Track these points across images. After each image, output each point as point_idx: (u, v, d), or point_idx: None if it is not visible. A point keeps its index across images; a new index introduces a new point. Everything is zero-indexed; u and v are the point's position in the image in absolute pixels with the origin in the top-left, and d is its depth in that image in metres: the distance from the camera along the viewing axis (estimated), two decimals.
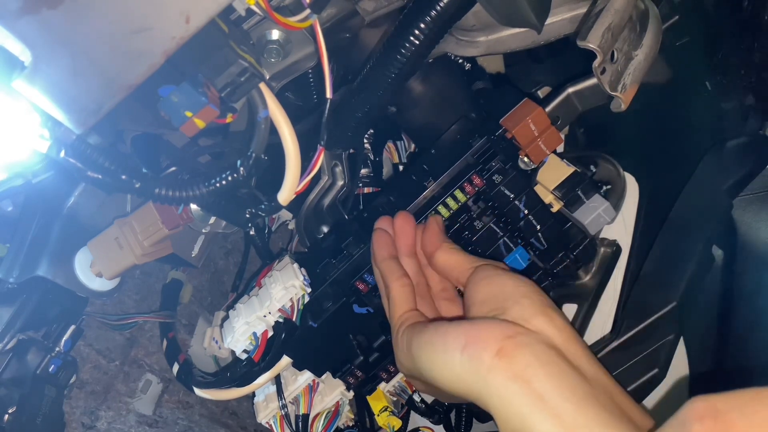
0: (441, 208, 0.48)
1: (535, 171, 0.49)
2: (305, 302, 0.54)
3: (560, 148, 0.56)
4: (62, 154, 0.38)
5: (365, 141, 0.63)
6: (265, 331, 0.55)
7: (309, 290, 0.54)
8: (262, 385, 0.57)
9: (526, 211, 0.48)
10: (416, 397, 0.63)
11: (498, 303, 0.36)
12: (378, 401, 0.61)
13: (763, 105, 0.47)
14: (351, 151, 0.56)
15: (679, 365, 0.56)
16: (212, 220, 0.59)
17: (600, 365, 0.33)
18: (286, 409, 0.59)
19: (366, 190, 0.63)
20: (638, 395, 0.53)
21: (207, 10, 0.33)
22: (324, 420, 0.60)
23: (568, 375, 0.31)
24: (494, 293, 0.37)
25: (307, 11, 0.40)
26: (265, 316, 0.54)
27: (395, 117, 0.57)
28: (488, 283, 0.38)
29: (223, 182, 0.42)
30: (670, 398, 0.55)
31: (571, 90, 0.50)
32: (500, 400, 0.31)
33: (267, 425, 0.60)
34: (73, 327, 0.60)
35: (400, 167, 0.68)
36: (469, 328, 0.34)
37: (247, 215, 0.49)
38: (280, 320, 0.54)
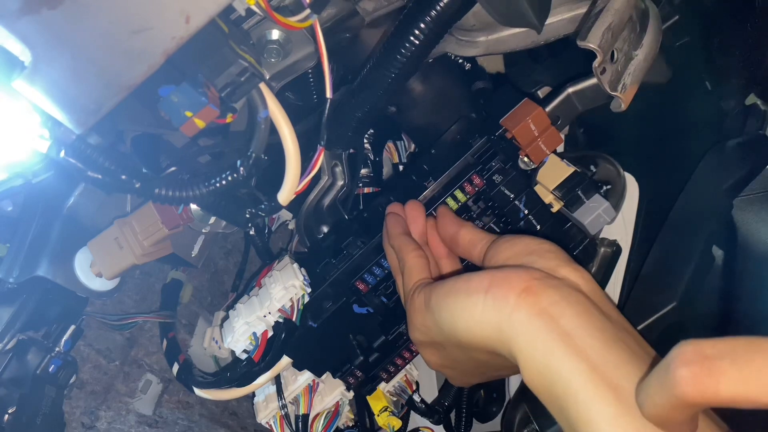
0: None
1: (535, 171, 0.49)
2: (305, 302, 0.54)
3: (560, 148, 0.56)
4: (62, 154, 0.38)
5: (365, 141, 0.63)
6: (265, 331, 0.55)
7: (309, 290, 0.54)
8: (262, 385, 0.57)
9: (526, 211, 0.48)
10: (416, 397, 0.63)
11: (522, 258, 0.35)
12: (378, 401, 0.61)
13: (762, 89, 0.47)
14: (351, 151, 0.56)
15: None
16: (212, 220, 0.59)
17: (625, 317, 0.32)
18: (286, 409, 0.59)
19: (366, 190, 0.63)
20: None
21: (207, 10, 0.33)
22: (324, 420, 0.60)
23: (595, 315, 0.30)
24: (517, 251, 0.36)
25: (307, 11, 0.40)
26: (265, 316, 0.54)
27: (395, 117, 0.57)
28: (511, 244, 0.37)
29: (223, 182, 0.42)
30: None
31: (571, 90, 0.50)
32: (524, 338, 0.30)
33: (267, 425, 0.60)
34: (73, 327, 0.60)
35: (400, 167, 0.68)
36: (495, 272, 0.33)
37: (247, 215, 0.49)
38: (280, 320, 0.54)
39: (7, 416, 0.54)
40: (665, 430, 0.24)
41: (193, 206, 0.56)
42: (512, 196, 0.47)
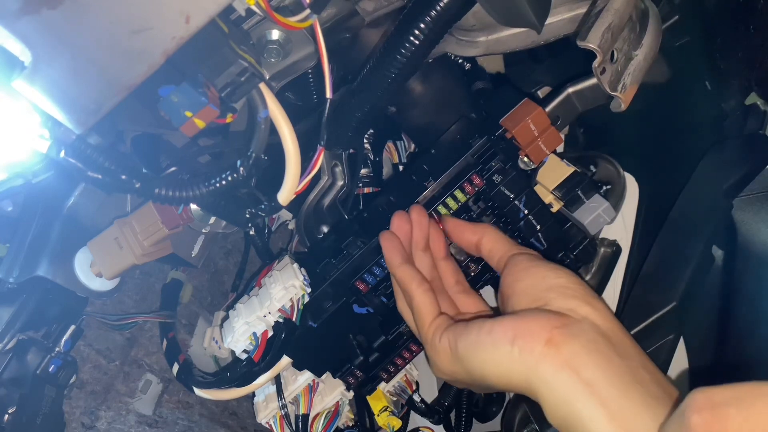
0: (441, 208, 0.48)
1: (535, 171, 0.49)
2: (305, 302, 0.54)
3: (560, 148, 0.56)
4: (62, 154, 0.38)
5: (365, 141, 0.63)
6: (265, 331, 0.55)
7: (309, 290, 0.54)
8: (262, 385, 0.57)
9: (526, 211, 0.48)
10: (416, 397, 0.63)
11: (539, 294, 0.37)
12: (378, 401, 0.61)
13: (762, 90, 0.47)
14: (351, 151, 0.56)
15: (679, 365, 0.56)
16: (212, 220, 0.59)
17: (643, 352, 0.34)
18: (286, 409, 0.59)
19: (366, 190, 0.63)
20: None
21: (207, 10, 0.33)
22: (324, 420, 0.60)
23: (614, 362, 0.32)
24: (533, 284, 0.37)
25: (307, 11, 0.40)
26: (265, 316, 0.54)
27: (395, 117, 0.57)
28: (527, 274, 0.38)
29: (223, 182, 0.42)
30: None
31: (571, 90, 0.50)
32: (549, 388, 0.32)
33: (267, 425, 0.60)
34: (73, 327, 0.60)
35: (400, 167, 0.68)
36: (517, 321, 0.35)
37: (247, 215, 0.49)
38: (280, 320, 0.54)
39: (7, 416, 0.54)
40: None
41: (193, 206, 0.56)
42: (512, 196, 0.47)
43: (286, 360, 0.55)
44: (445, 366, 0.40)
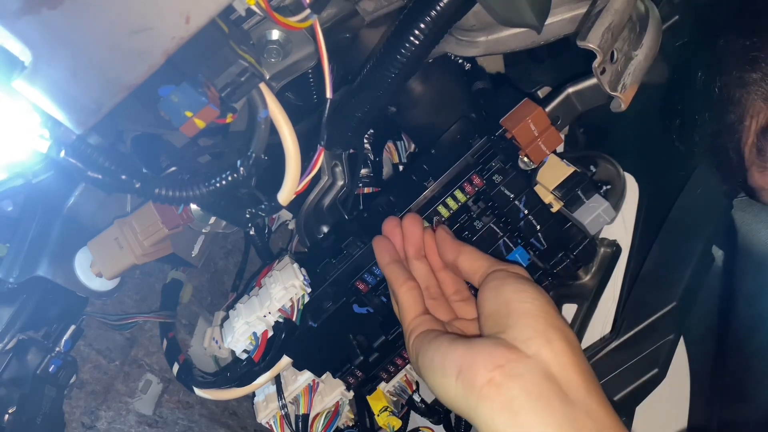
0: (441, 208, 0.48)
1: (535, 171, 0.49)
2: (305, 302, 0.54)
3: (560, 148, 0.56)
4: (62, 154, 0.38)
5: (365, 141, 0.63)
6: (265, 331, 0.55)
7: (309, 290, 0.54)
8: (262, 385, 0.57)
9: (526, 211, 0.48)
10: (416, 397, 0.63)
11: (501, 319, 0.36)
12: (378, 401, 0.61)
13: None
14: (351, 151, 0.56)
15: (679, 365, 0.56)
16: (212, 220, 0.59)
17: (597, 395, 0.33)
18: (286, 409, 0.59)
19: (366, 190, 0.63)
20: (638, 395, 0.53)
21: (207, 10, 0.33)
22: (324, 420, 0.60)
23: (554, 410, 0.31)
24: (498, 308, 0.37)
25: (307, 11, 0.40)
26: (265, 316, 0.54)
27: (395, 117, 0.57)
28: (494, 294, 0.38)
29: (223, 182, 0.42)
30: (670, 398, 0.55)
31: (571, 90, 0.50)
32: (487, 428, 0.32)
33: (267, 425, 0.60)
34: (73, 327, 0.60)
35: (400, 167, 0.68)
36: (465, 353, 0.34)
37: (247, 215, 0.49)
38: (280, 320, 0.54)
39: (7, 416, 0.54)
40: None
41: (193, 206, 0.56)
42: (512, 196, 0.47)
43: (286, 360, 0.55)
44: (412, 362, 0.40)
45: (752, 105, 0.42)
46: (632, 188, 0.55)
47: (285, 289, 0.54)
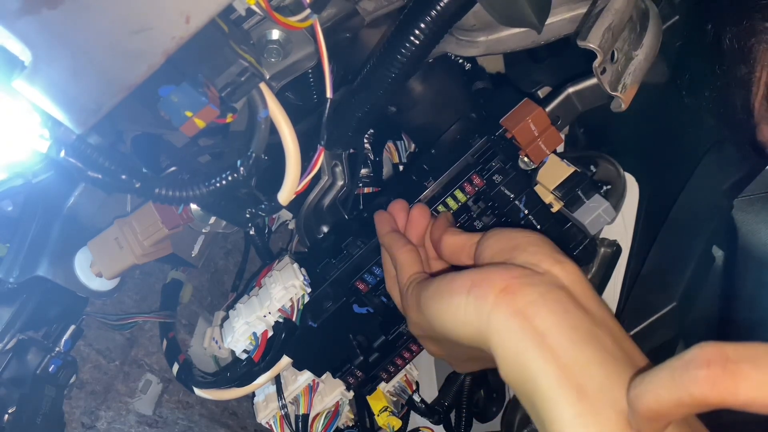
0: (441, 208, 0.48)
1: (535, 171, 0.49)
2: (305, 302, 0.54)
3: (560, 148, 0.56)
4: (62, 154, 0.38)
5: (365, 141, 0.63)
6: (265, 331, 0.55)
7: (309, 290, 0.54)
8: (262, 385, 0.57)
9: (526, 211, 0.48)
10: (416, 397, 0.63)
11: (505, 254, 0.35)
12: (378, 401, 0.61)
13: None
14: (351, 151, 0.56)
15: None
16: (212, 220, 0.59)
17: (608, 309, 0.32)
18: (286, 409, 0.59)
19: (366, 190, 0.63)
20: None
21: (207, 10, 0.33)
22: (324, 420, 0.60)
23: (571, 313, 0.30)
24: (502, 247, 0.36)
25: (308, 11, 0.40)
26: (265, 316, 0.54)
27: (395, 117, 0.57)
28: (496, 240, 0.37)
29: (223, 182, 0.42)
30: None
31: (571, 90, 0.50)
32: (500, 337, 0.31)
33: (267, 425, 0.60)
34: (73, 327, 0.60)
35: (400, 167, 0.68)
36: (476, 271, 0.34)
37: (247, 215, 0.49)
38: (280, 320, 0.54)
39: (7, 416, 0.54)
40: (647, 427, 0.25)
41: (193, 206, 0.56)
42: (512, 196, 0.47)
43: (286, 360, 0.55)
44: (413, 319, 0.39)
45: (764, 55, 0.41)
46: (632, 188, 0.55)
47: (285, 289, 0.54)
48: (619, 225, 0.56)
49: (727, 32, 0.43)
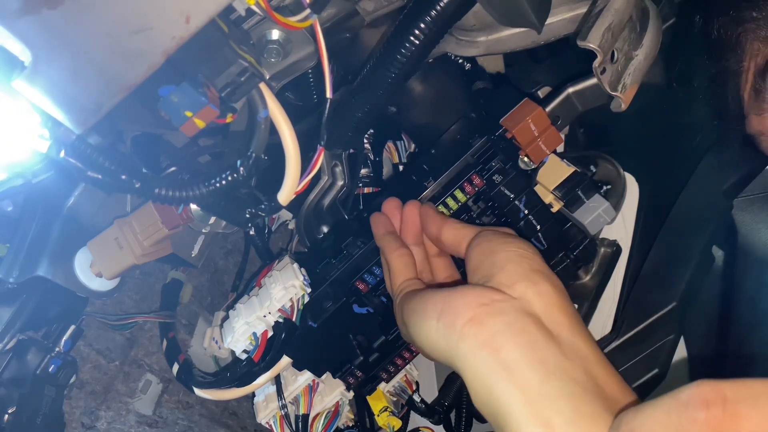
0: (441, 208, 0.48)
1: (535, 171, 0.49)
2: (305, 302, 0.54)
3: (560, 148, 0.56)
4: (62, 154, 0.38)
5: (365, 141, 0.63)
6: (265, 331, 0.55)
7: (309, 290, 0.54)
8: (262, 385, 0.57)
9: (526, 211, 0.48)
10: (416, 397, 0.63)
11: (487, 269, 0.35)
12: (378, 401, 0.61)
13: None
14: (351, 151, 0.56)
15: (679, 365, 0.56)
16: (212, 220, 0.59)
17: (583, 335, 0.32)
18: (286, 409, 0.59)
19: (366, 190, 0.63)
20: (638, 395, 0.53)
21: (207, 10, 0.33)
22: (324, 420, 0.60)
23: (539, 345, 0.30)
24: (483, 259, 0.36)
25: (307, 11, 0.40)
26: (265, 316, 0.54)
27: (395, 117, 0.57)
28: (481, 249, 0.37)
29: (223, 182, 0.42)
30: None
31: (571, 90, 0.50)
32: (469, 367, 0.31)
33: (267, 425, 0.60)
34: (73, 327, 0.60)
35: (400, 167, 0.68)
36: (447, 295, 0.34)
37: (247, 215, 0.49)
38: (280, 320, 0.54)
39: (7, 416, 0.54)
40: None
41: (193, 206, 0.56)
42: (512, 196, 0.47)
43: (286, 360, 0.55)
44: (401, 329, 0.39)
45: (750, 46, 0.41)
46: (632, 188, 0.55)
47: (285, 289, 0.54)
48: (619, 225, 0.56)
49: (715, 22, 0.43)
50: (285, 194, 0.47)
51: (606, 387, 0.30)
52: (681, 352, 0.55)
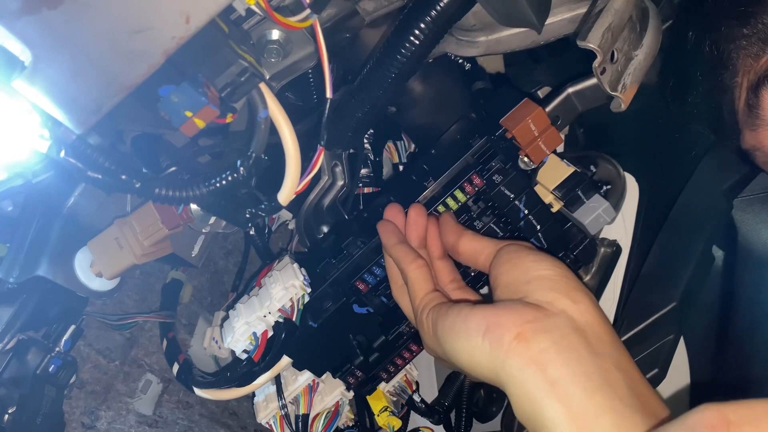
0: (441, 208, 0.48)
1: (535, 171, 0.49)
2: (305, 302, 0.54)
3: (560, 148, 0.56)
4: (62, 154, 0.38)
5: (365, 141, 0.63)
6: (265, 331, 0.55)
7: (309, 290, 0.54)
8: (262, 385, 0.57)
9: (526, 211, 0.48)
10: (416, 397, 0.63)
11: (521, 286, 0.36)
12: (378, 401, 0.61)
13: None
14: (351, 151, 0.56)
15: (679, 365, 0.56)
16: (212, 220, 0.59)
17: (624, 350, 0.33)
18: (286, 409, 0.59)
19: (366, 190, 0.63)
20: None
21: (207, 10, 0.33)
22: (324, 420, 0.60)
23: (584, 361, 0.31)
24: (517, 276, 0.36)
25: (307, 11, 0.40)
26: (265, 316, 0.54)
27: (395, 117, 0.57)
28: (512, 266, 0.37)
29: (223, 182, 0.42)
30: (670, 398, 0.55)
31: (571, 90, 0.50)
32: (515, 384, 0.31)
33: (267, 425, 0.60)
34: (73, 327, 0.60)
35: (400, 167, 0.68)
36: (491, 312, 0.34)
37: (247, 215, 0.49)
38: (280, 320, 0.54)
39: (7, 416, 0.54)
40: None
41: (193, 206, 0.56)
42: (512, 196, 0.47)
43: (286, 360, 0.55)
44: (428, 343, 0.40)
45: (743, 62, 0.41)
46: (632, 188, 0.55)
47: (285, 289, 0.54)
48: (619, 225, 0.56)
49: (707, 39, 0.43)
50: (285, 194, 0.47)
51: (647, 403, 0.30)
52: (681, 352, 0.55)
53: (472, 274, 0.49)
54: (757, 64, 0.41)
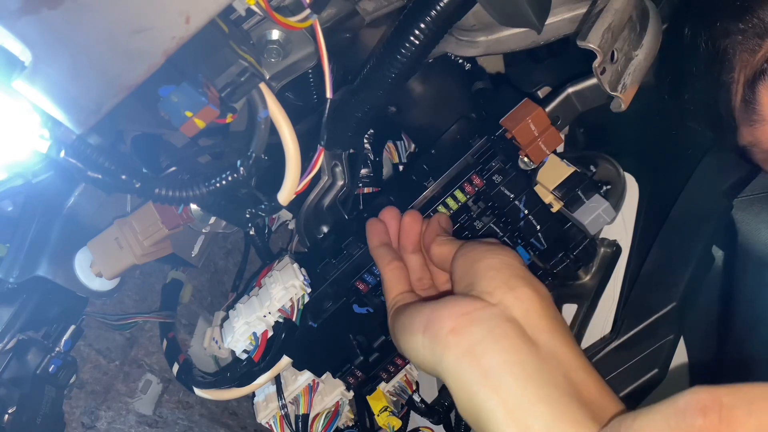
0: (441, 208, 0.48)
1: (535, 171, 0.49)
2: (305, 302, 0.54)
3: (560, 148, 0.56)
4: (62, 154, 0.38)
5: (365, 141, 0.63)
6: (265, 331, 0.54)
7: (309, 290, 0.54)
8: (262, 385, 0.57)
9: (526, 211, 0.48)
10: (416, 397, 0.63)
11: (469, 278, 0.36)
12: (378, 401, 0.61)
13: None
14: (351, 151, 0.56)
15: (679, 365, 0.56)
16: (212, 220, 0.59)
17: (564, 339, 0.32)
18: (286, 409, 0.59)
19: (366, 190, 0.63)
20: (638, 395, 0.53)
21: (207, 10, 0.33)
22: (324, 420, 0.60)
23: (518, 349, 0.30)
24: (466, 269, 0.37)
25: (307, 11, 0.40)
26: (265, 316, 0.54)
27: (395, 117, 0.57)
28: (464, 260, 0.38)
29: (223, 182, 0.42)
30: None
31: (571, 90, 0.50)
32: (452, 377, 0.31)
33: (267, 425, 0.60)
34: (73, 327, 0.60)
35: (400, 167, 0.68)
36: (431, 308, 0.34)
37: (247, 215, 0.49)
38: (280, 320, 0.54)
39: (7, 416, 0.54)
40: None
41: (193, 206, 0.56)
42: (512, 196, 0.47)
43: (286, 360, 0.55)
44: (394, 342, 0.40)
45: (739, 57, 0.41)
46: (632, 188, 0.55)
47: (285, 289, 0.54)
48: (619, 225, 0.56)
49: (703, 35, 0.43)
50: (285, 194, 0.47)
51: (585, 391, 0.30)
52: (681, 352, 0.55)
53: None
54: (754, 59, 0.40)
